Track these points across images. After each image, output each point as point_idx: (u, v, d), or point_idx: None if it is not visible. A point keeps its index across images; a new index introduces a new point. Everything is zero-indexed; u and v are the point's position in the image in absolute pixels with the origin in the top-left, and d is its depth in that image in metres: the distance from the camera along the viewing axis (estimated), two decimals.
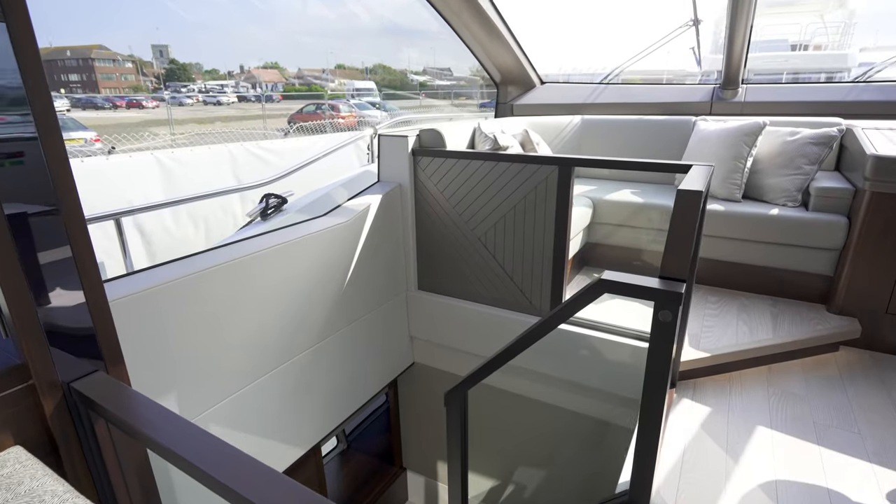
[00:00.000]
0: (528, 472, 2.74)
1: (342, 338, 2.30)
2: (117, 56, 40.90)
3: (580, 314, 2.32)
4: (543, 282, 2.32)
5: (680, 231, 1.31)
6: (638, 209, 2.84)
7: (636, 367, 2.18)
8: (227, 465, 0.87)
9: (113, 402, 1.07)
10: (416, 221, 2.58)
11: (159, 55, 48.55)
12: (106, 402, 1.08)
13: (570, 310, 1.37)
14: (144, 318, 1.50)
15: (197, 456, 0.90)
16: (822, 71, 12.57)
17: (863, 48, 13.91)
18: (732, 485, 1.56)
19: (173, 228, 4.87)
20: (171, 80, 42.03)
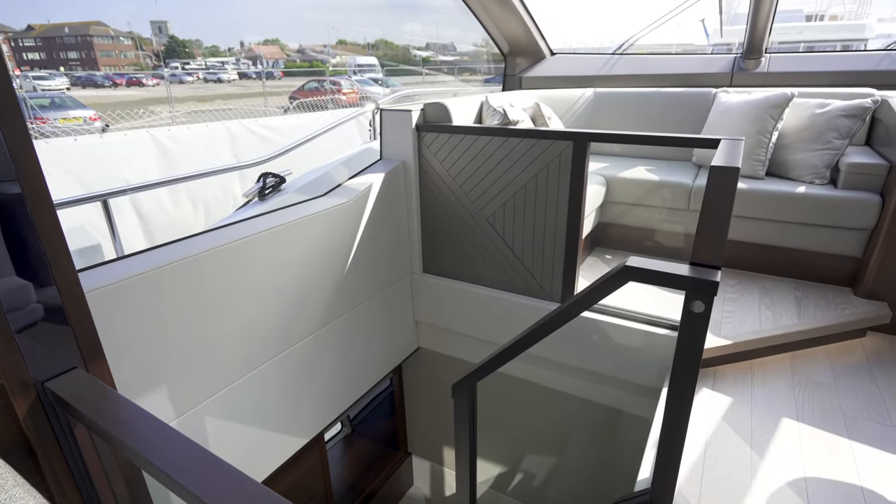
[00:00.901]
0: (537, 460, 2.67)
1: (344, 324, 2.20)
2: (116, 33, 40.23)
3: None
4: (555, 265, 2.20)
5: (714, 212, 1.18)
6: (654, 187, 2.69)
7: (651, 353, 2.07)
8: (211, 481, 0.78)
9: (88, 404, 0.97)
10: (421, 201, 2.45)
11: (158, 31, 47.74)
12: (81, 403, 0.98)
13: (589, 299, 1.26)
14: (130, 308, 1.40)
15: (175, 468, 0.80)
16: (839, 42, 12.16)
17: (881, 18, 13.42)
18: (759, 482, 1.46)
19: (171, 209, 4.76)
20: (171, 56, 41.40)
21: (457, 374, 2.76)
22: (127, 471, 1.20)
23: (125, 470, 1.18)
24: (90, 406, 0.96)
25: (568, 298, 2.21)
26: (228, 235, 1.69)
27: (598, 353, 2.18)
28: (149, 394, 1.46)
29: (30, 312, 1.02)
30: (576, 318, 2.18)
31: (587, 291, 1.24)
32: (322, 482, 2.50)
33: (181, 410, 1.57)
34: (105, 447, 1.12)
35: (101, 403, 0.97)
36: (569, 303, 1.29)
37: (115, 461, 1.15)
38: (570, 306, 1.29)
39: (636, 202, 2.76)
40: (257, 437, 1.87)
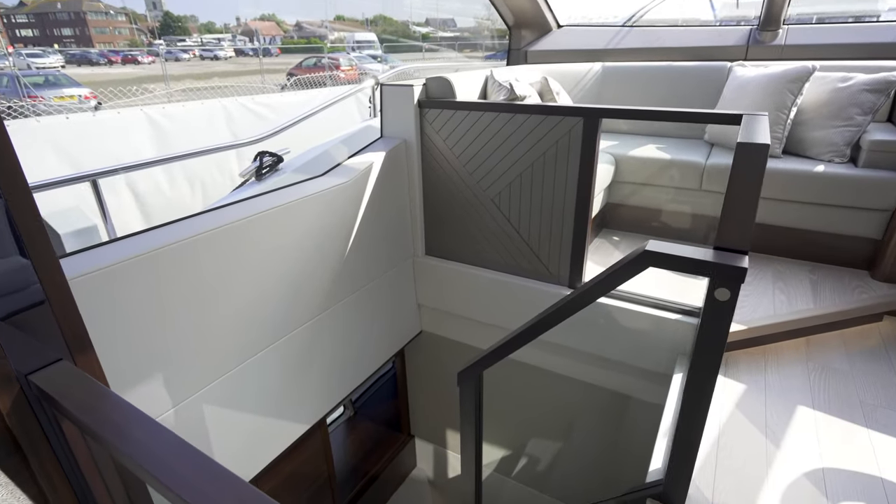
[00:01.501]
0: (542, 445, 2.64)
1: (345, 308, 2.14)
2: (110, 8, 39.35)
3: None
4: (563, 247, 2.13)
5: (741, 192, 1.10)
6: (664, 166, 2.60)
7: (660, 338, 2.01)
8: (199, 482, 0.72)
9: (73, 399, 0.91)
10: (424, 181, 2.36)
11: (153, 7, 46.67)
12: (66, 397, 0.92)
13: (605, 285, 1.19)
14: (121, 294, 1.33)
15: (160, 466, 0.74)
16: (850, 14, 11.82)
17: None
18: (775, 473, 1.42)
19: (168, 189, 4.67)
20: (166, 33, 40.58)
21: (460, 357, 2.73)
22: (120, 463, 1.14)
23: (119, 462, 1.12)
24: (75, 401, 0.90)
25: (576, 282, 2.14)
26: (224, 217, 1.61)
27: (605, 337, 2.12)
28: (144, 383, 1.41)
29: (9, 301, 0.95)
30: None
31: (603, 277, 1.17)
32: (325, 466, 2.47)
33: (178, 399, 1.52)
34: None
35: (86, 398, 0.91)
36: (583, 289, 1.22)
37: (108, 454, 1.10)
38: (584, 293, 1.22)
39: (646, 182, 2.67)
40: (258, 425, 1.83)
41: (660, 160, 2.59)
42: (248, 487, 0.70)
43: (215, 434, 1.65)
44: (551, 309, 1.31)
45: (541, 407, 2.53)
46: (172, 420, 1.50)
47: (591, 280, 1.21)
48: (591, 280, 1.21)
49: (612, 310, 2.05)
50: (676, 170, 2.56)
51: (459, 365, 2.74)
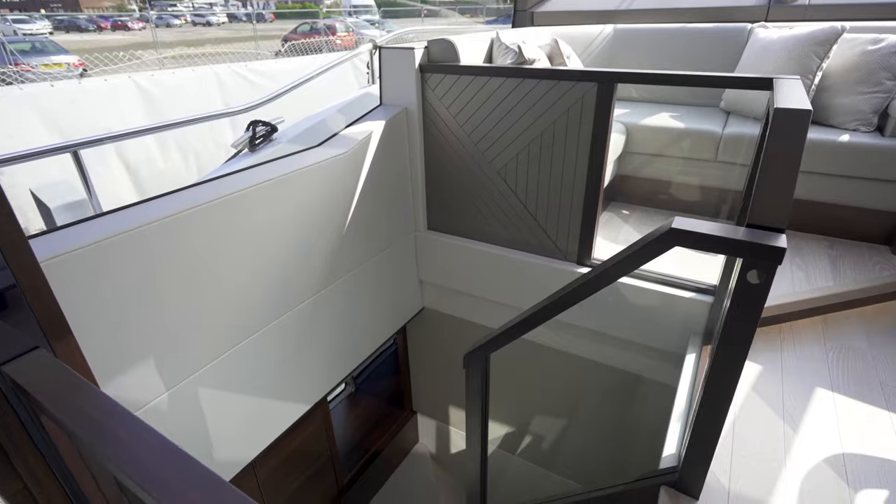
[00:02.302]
0: (548, 423, 2.61)
1: (345, 285, 2.06)
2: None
3: (603, 255, 2.05)
4: (572, 222, 2.03)
5: (779, 164, 1.00)
6: (678, 136, 2.47)
7: (672, 316, 1.93)
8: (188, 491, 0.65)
9: (48, 392, 0.83)
10: (425, 151, 2.25)
11: None
12: (40, 390, 0.85)
13: (626, 265, 1.10)
14: (106, 274, 1.24)
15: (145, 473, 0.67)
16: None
17: None
18: (793, 459, 1.36)
19: (161, 161, 4.53)
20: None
21: (463, 335, 2.67)
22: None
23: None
24: (50, 394, 0.83)
25: (584, 259, 2.05)
26: (216, 191, 1.51)
27: (613, 314, 2.05)
28: (134, 368, 1.34)
29: None
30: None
31: (624, 257, 1.08)
32: (327, 444, 2.44)
33: (172, 383, 1.45)
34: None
35: (62, 390, 0.84)
36: (601, 269, 1.13)
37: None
38: (602, 273, 1.14)
39: (658, 153, 2.55)
40: (257, 406, 1.77)
41: (673, 129, 2.47)
42: (236, 494, 0.63)
43: (212, 417, 1.60)
44: (566, 290, 1.23)
45: (547, 384, 2.48)
46: (166, 405, 1.44)
47: (611, 260, 1.13)
48: (611, 260, 1.13)
49: (620, 286, 1.97)
50: (690, 140, 2.44)
51: (462, 342, 2.70)
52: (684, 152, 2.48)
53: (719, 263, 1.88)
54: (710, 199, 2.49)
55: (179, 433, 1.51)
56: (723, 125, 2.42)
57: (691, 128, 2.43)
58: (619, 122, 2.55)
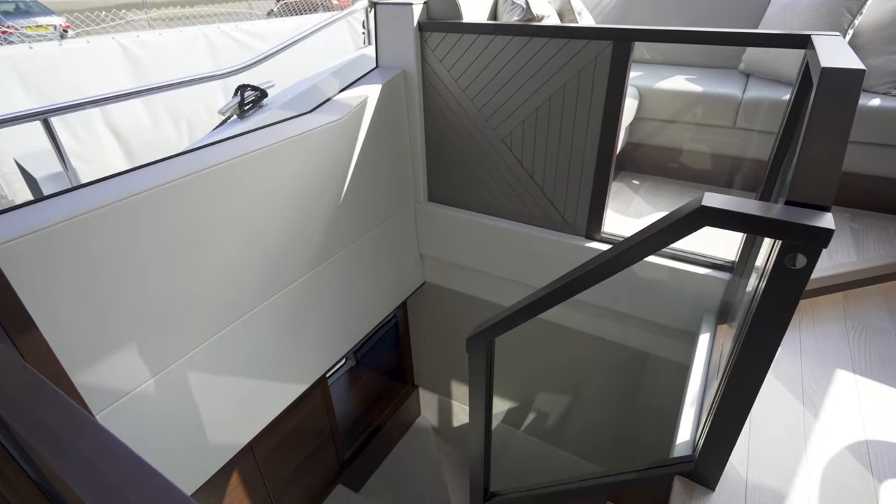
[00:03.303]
0: (554, 400, 2.56)
1: (342, 261, 1.97)
2: None
3: (613, 229, 1.95)
4: (581, 194, 1.91)
5: (826, 131, 0.88)
6: (694, 100, 2.32)
7: (683, 292, 1.84)
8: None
9: (2, 394, 0.75)
10: (425, 117, 2.11)
11: None
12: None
13: (647, 247, 1.00)
14: (77, 257, 1.14)
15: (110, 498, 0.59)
16: None
17: None
18: (814, 446, 1.30)
19: (152, 128, 4.36)
20: None
21: (465, 310, 2.59)
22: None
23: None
24: (4, 397, 0.74)
25: (594, 232, 1.95)
26: (199, 162, 1.39)
27: (623, 290, 1.96)
28: (115, 354, 1.25)
29: None
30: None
31: (646, 237, 0.98)
32: (327, 421, 2.41)
33: (159, 368, 1.37)
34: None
35: (17, 392, 0.75)
36: (621, 250, 1.03)
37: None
38: (621, 255, 1.03)
39: (672, 118, 2.41)
40: (252, 388, 1.71)
41: (690, 93, 2.31)
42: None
43: (204, 401, 1.53)
44: (575, 274, 1.13)
45: (551, 360, 2.42)
46: (153, 390, 1.37)
47: (630, 240, 1.02)
48: (630, 240, 1.02)
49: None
50: (708, 105, 2.29)
51: (465, 317, 2.62)
52: (700, 118, 2.33)
53: (737, 238, 1.77)
54: (726, 169, 2.36)
55: (169, 418, 1.44)
56: (742, 89, 2.27)
57: (709, 91, 2.28)
58: (631, 86, 2.40)
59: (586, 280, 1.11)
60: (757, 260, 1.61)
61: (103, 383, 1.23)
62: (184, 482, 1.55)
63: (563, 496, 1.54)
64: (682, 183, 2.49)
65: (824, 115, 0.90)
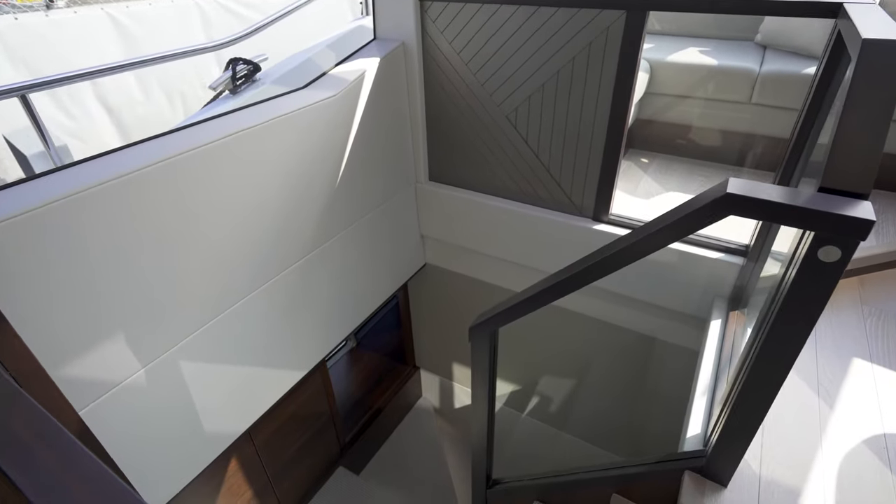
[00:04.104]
0: (558, 384, 2.53)
1: (340, 244, 1.90)
2: None
3: (621, 210, 1.87)
4: (589, 173, 1.83)
5: (867, 111, 0.80)
6: (708, 74, 2.21)
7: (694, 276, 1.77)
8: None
9: None
10: (426, 93, 2.00)
11: None
12: None
13: (665, 236, 0.92)
14: (57, 243, 1.07)
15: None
16: None
17: None
18: (830, 440, 1.25)
19: (145, 103, 4.24)
20: None
21: (467, 292, 2.53)
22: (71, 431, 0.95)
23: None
24: None
25: (601, 214, 1.87)
26: (188, 140, 1.31)
27: (629, 274, 1.89)
28: (100, 346, 1.20)
29: None
30: (601, 234, 1.88)
31: (662, 227, 0.90)
32: (326, 405, 2.38)
33: (149, 358, 1.32)
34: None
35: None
36: (634, 239, 0.96)
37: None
38: (631, 246, 0.96)
39: (684, 94, 2.30)
40: (248, 376, 1.66)
41: (703, 67, 2.20)
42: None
43: (198, 390, 1.49)
44: (586, 263, 1.06)
45: (555, 344, 2.38)
46: (144, 381, 1.32)
47: (647, 227, 0.95)
48: (647, 227, 0.95)
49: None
50: (722, 79, 2.18)
51: (466, 299, 2.57)
52: (714, 93, 2.22)
53: (752, 220, 1.70)
54: (740, 147, 2.26)
55: (162, 409, 1.40)
56: (760, 62, 2.15)
57: (724, 65, 2.16)
58: (642, 59, 2.28)
59: (596, 271, 1.04)
60: (774, 244, 1.54)
61: (88, 376, 1.18)
62: (179, 472, 1.52)
63: (568, 486, 1.51)
64: (693, 161, 2.40)
65: (865, 93, 0.81)
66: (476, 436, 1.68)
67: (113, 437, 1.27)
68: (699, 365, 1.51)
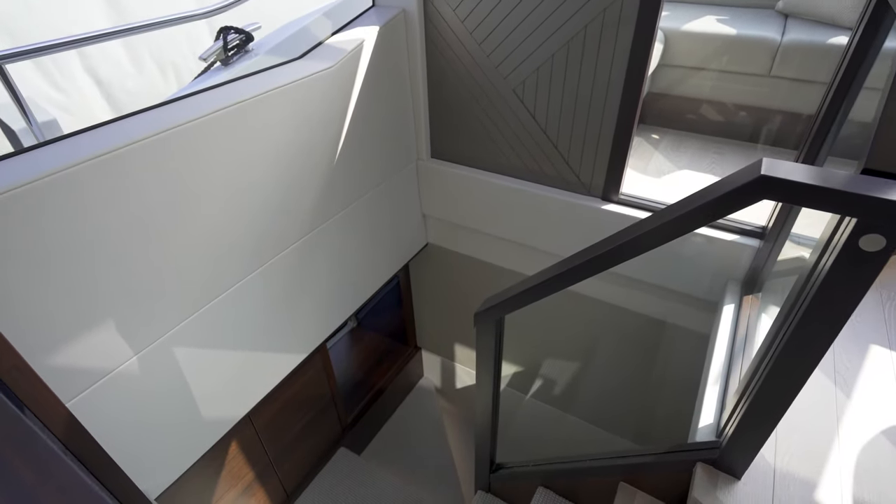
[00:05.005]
0: (563, 366, 2.49)
1: (338, 224, 1.83)
2: None
3: (631, 190, 1.79)
4: (599, 150, 1.74)
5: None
6: (726, 44, 2.10)
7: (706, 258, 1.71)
8: None
9: None
10: (428, 64, 1.90)
11: None
12: None
13: (689, 221, 0.86)
14: (34, 228, 1.01)
15: None
16: None
17: None
18: (847, 432, 1.21)
19: (136, 76, 4.10)
20: None
21: (470, 272, 2.47)
22: (62, 426, 0.91)
23: (60, 425, 0.88)
24: None
25: (611, 194, 1.79)
26: (177, 116, 1.23)
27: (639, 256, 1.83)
28: (88, 334, 1.14)
29: None
30: (608, 214, 1.80)
31: (689, 210, 0.84)
32: (328, 386, 2.35)
33: (140, 346, 1.27)
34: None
35: None
36: (654, 224, 0.89)
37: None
38: (655, 229, 0.90)
39: (700, 65, 2.19)
40: (247, 360, 1.62)
41: (721, 36, 2.09)
42: None
43: (194, 377, 1.44)
44: (596, 252, 1.00)
45: (561, 326, 2.33)
46: (136, 369, 1.27)
47: (669, 211, 0.88)
48: (669, 211, 0.88)
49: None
50: (740, 49, 2.07)
51: (469, 280, 2.51)
52: (731, 65, 2.12)
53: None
54: (758, 123, 2.16)
55: (156, 397, 1.36)
56: (781, 31, 2.04)
57: (743, 34, 2.05)
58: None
59: (609, 259, 0.98)
60: (794, 225, 1.48)
61: (77, 366, 1.13)
62: (178, 459, 1.50)
63: (574, 473, 1.48)
64: (707, 137, 2.31)
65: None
66: (480, 420, 1.65)
67: (106, 427, 1.23)
68: (711, 351, 1.46)
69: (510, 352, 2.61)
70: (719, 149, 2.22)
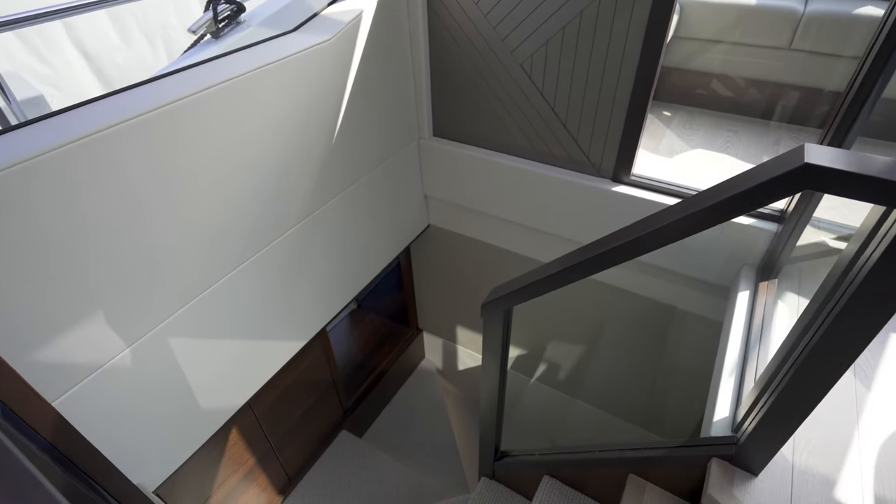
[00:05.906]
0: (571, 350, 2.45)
1: (337, 207, 1.76)
2: None
3: (642, 171, 1.72)
4: (610, 130, 1.66)
5: None
6: (743, 15, 1.99)
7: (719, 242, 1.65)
8: None
9: None
10: (431, 37, 1.80)
11: None
12: None
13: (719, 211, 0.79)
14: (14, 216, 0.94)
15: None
16: None
17: None
18: (867, 425, 1.17)
19: (124, 49, 3.95)
20: None
21: (473, 255, 2.41)
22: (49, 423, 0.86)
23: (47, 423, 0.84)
24: None
25: (622, 175, 1.72)
26: (165, 94, 1.15)
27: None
28: (75, 328, 1.09)
29: None
30: (620, 197, 1.73)
31: (721, 199, 0.77)
32: (328, 371, 2.32)
33: (134, 337, 1.22)
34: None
35: None
36: (680, 214, 0.82)
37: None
38: (680, 220, 0.83)
39: (714, 38, 2.08)
40: (246, 348, 1.57)
41: (739, 7, 1.98)
42: None
43: (191, 368, 1.39)
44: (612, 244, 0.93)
45: (570, 309, 2.28)
46: (129, 362, 1.22)
47: (694, 202, 0.81)
48: (694, 202, 0.81)
49: (650, 207, 1.66)
50: (760, 20, 1.96)
51: (472, 262, 2.45)
52: (749, 37, 2.01)
53: None
54: (775, 99, 2.07)
55: (152, 390, 1.31)
56: (804, 1, 1.93)
57: (762, 4, 1.94)
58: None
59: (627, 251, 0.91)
60: (817, 209, 1.41)
61: (65, 360, 1.08)
62: (176, 450, 1.46)
63: (582, 464, 1.45)
64: (720, 114, 2.22)
65: None
66: (485, 408, 1.61)
67: (97, 423, 1.19)
68: (725, 340, 1.41)
69: (516, 335, 2.57)
70: (733, 126, 2.14)
